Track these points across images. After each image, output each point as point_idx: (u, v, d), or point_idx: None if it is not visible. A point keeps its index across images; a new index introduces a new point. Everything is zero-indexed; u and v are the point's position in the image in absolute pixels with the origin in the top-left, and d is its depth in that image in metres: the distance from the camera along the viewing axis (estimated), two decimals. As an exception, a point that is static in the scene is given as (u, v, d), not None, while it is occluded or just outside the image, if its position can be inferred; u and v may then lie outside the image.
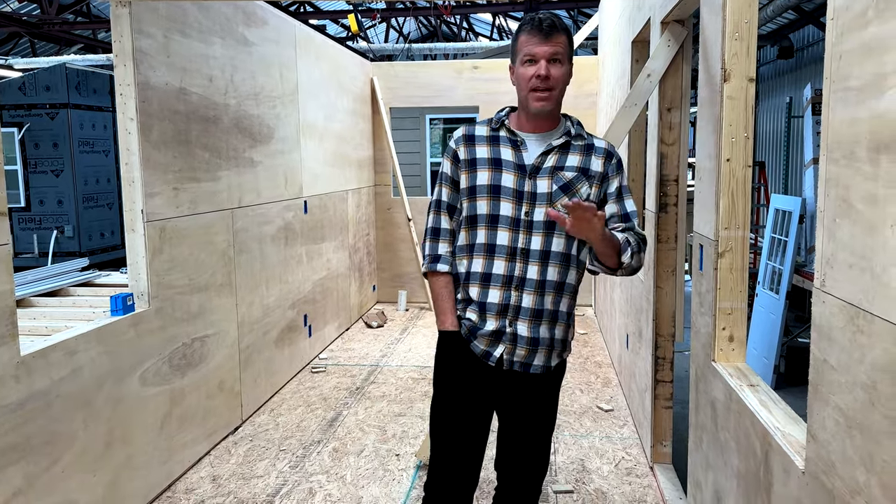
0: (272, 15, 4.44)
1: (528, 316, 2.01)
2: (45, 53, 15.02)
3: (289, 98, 4.73)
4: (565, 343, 2.10)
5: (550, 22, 1.93)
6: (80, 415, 2.63)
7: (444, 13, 8.20)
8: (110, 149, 10.86)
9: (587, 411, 4.17)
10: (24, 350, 2.36)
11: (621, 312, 4.56)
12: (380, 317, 6.45)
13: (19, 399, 2.31)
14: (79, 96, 10.37)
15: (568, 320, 2.08)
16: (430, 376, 4.85)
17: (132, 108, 2.98)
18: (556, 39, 1.92)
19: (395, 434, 3.84)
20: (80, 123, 10.35)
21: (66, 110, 10.00)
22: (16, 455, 2.30)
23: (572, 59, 2.02)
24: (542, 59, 1.92)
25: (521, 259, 1.99)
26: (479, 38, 20.19)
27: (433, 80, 6.99)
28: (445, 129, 10.05)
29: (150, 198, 3.08)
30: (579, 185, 1.99)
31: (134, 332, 2.96)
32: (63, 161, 9.90)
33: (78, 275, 4.77)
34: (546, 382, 2.10)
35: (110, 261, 10.20)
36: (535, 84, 1.93)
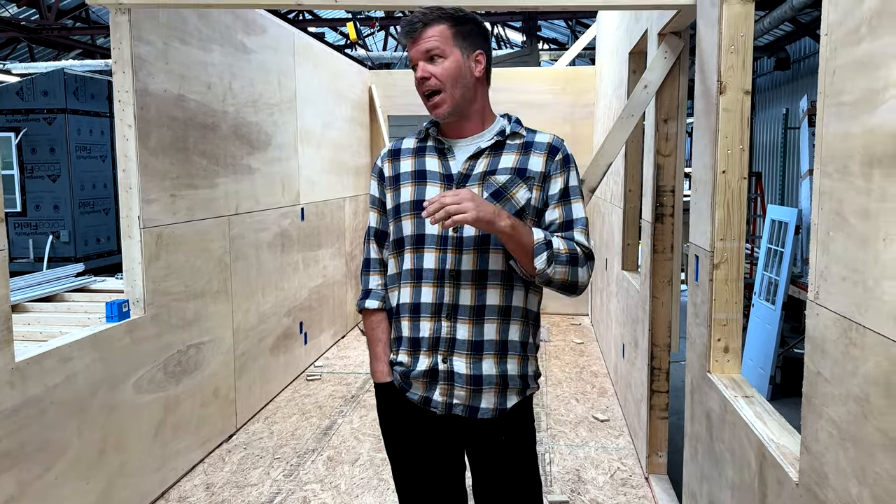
0: (271, 23, 4.45)
1: (464, 349, 1.70)
2: (44, 58, 15.03)
3: (287, 105, 4.74)
4: (525, 379, 1.75)
5: (417, 18, 1.68)
6: (74, 422, 2.63)
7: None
8: (107, 154, 10.85)
9: (583, 421, 4.17)
10: (19, 356, 2.36)
11: (617, 322, 4.57)
12: (376, 324, 6.44)
13: (13, 405, 2.31)
14: (77, 101, 10.37)
15: (524, 351, 1.75)
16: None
17: (130, 114, 2.99)
18: (427, 34, 1.67)
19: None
20: (77, 129, 10.34)
21: (64, 115, 9.99)
22: (9, 462, 2.29)
23: (473, 43, 1.71)
24: (419, 61, 1.69)
25: (450, 282, 1.69)
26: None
27: (431, 88, 6.99)
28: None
29: (147, 204, 3.08)
30: (514, 189, 1.69)
31: (129, 338, 2.96)
32: (60, 166, 9.89)
33: (73, 280, 4.77)
34: (505, 429, 1.74)
35: (106, 266, 10.18)
36: (421, 91, 1.71)
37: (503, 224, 1.56)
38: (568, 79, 6.79)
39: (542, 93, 6.78)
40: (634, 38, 3.90)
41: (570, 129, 6.76)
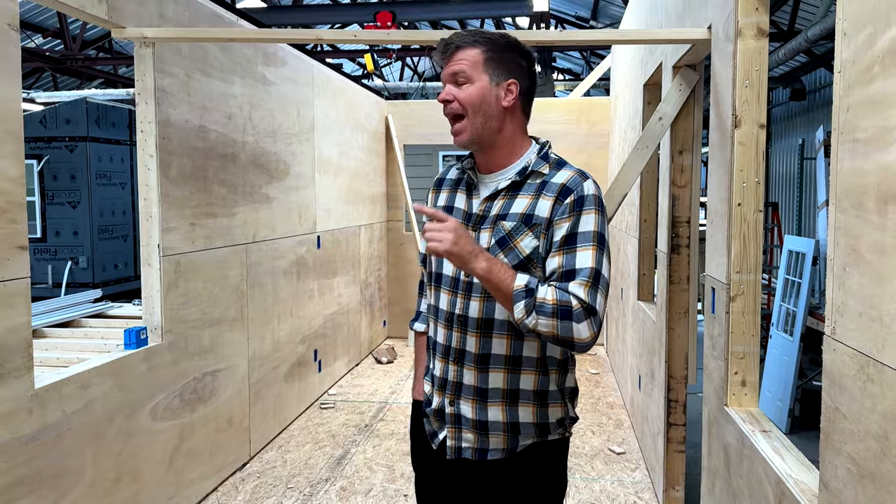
0: (291, 55, 4.54)
1: (471, 395, 1.66)
2: (67, 87, 15.37)
3: (305, 135, 4.81)
4: (544, 427, 1.68)
5: (449, 39, 1.64)
6: (91, 449, 2.64)
7: (459, 53, 8.35)
8: (127, 182, 11.02)
9: (598, 454, 4.13)
10: (38, 383, 2.38)
11: (633, 353, 4.54)
12: (390, 353, 6.44)
13: (32, 432, 2.33)
14: (98, 129, 10.58)
15: (542, 399, 1.67)
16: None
17: (152, 144, 3.05)
18: (456, 57, 1.61)
19: (404, 474, 3.80)
20: (98, 156, 10.54)
21: (86, 143, 10.18)
22: (25, 489, 2.31)
23: (508, 72, 1.63)
24: (446, 83, 1.64)
25: (458, 327, 1.66)
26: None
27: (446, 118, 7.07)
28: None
29: (167, 233, 3.13)
30: (519, 238, 1.60)
31: (146, 365, 2.98)
32: (80, 193, 10.06)
33: (91, 306, 4.82)
34: (519, 473, 1.68)
35: (123, 292, 10.28)
36: (445, 113, 1.65)
37: (478, 266, 1.50)
38: (583, 109, 6.84)
39: (557, 123, 6.83)
40: (649, 70, 3.94)
41: (585, 159, 6.79)
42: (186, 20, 3.29)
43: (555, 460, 1.73)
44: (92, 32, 12.56)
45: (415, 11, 8.10)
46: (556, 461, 1.73)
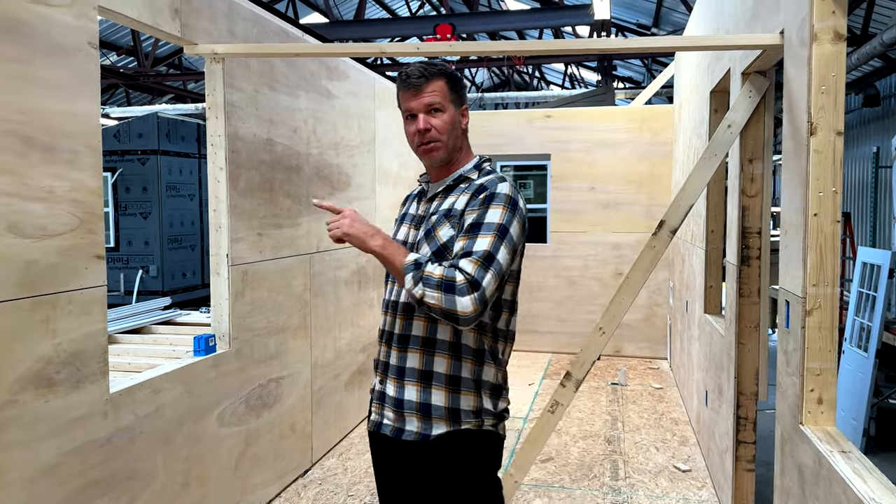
0: (353, 69, 4.61)
1: (393, 374, 1.85)
2: (139, 103, 16.02)
3: (366, 147, 4.87)
4: (454, 413, 1.80)
5: (419, 73, 1.83)
6: (161, 453, 2.72)
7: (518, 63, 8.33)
8: (195, 193, 11.39)
9: (663, 470, 4.02)
10: (113, 388, 2.47)
11: (699, 368, 4.41)
12: (448, 363, 6.44)
13: (106, 435, 2.41)
14: (168, 143, 10.96)
15: (452, 385, 1.79)
16: (499, 426, 4.79)
17: (222, 157, 3.14)
18: (428, 89, 1.82)
19: (463, 484, 3.78)
20: (168, 169, 10.92)
21: (157, 156, 10.57)
22: (100, 490, 2.39)
23: (462, 98, 1.89)
24: (420, 113, 1.83)
25: (391, 311, 1.89)
26: (550, 87, 20.37)
27: (506, 128, 7.07)
28: (515, 175, 10.12)
29: (235, 243, 3.21)
30: (439, 228, 1.82)
31: (214, 372, 3.06)
32: (151, 204, 10.43)
33: (160, 313, 4.98)
34: (431, 459, 1.81)
35: (190, 300, 10.60)
36: (419, 140, 1.86)
37: (374, 244, 1.73)
38: (645, 117, 6.72)
39: (618, 131, 6.74)
40: (716, 77, 3.84)
41: (647, 168, 6.67)
42: (254, 36, 3.38)
43: (470, 452, 1.82)
44: (163, 49, 13.07)
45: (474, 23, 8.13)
46: (471, 453, 1.83)
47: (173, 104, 14.08)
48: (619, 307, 2.92)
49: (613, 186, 6.76)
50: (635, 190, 6.72)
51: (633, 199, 6.73)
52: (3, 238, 1.97)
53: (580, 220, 6.87)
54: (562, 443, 4.44)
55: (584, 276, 6.89)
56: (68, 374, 2.21)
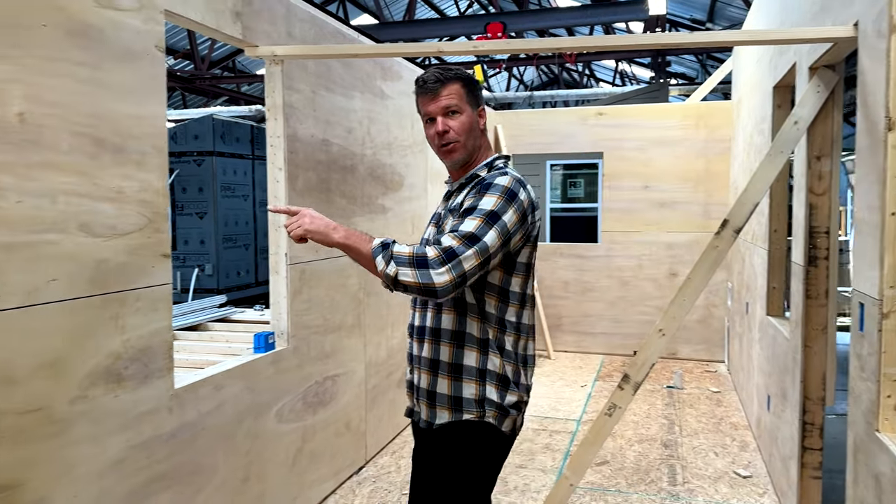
0: (407, 69, 4.63)
1: (415, 364, 2.00)
2: (195, 105, 16.43)
3: (418, 147, 4.89)
4: (457, 401, 1.88)
5: (435, 78, 1.92)
6: (222, 448, 2.77)
7: (569, 61, 8.25)
8: (249, 193, 11.61)
9: (723, 476, 3.91)
10: (178, 383, 2.52)
11: (761, 371, 4.28)
12: (499, 363, 6.41)
13: (171, 430, 2.47)
14: (223, 144, 11.20)
15: (454, 373, 1.88)
16: (552, 428, 4.74)
17: (281, 158, 3.18)
18: (445, 93, 1.90)
19: (517, 486, 3.76)
20: (223, 169, 11.15)
21: (212, 157, 10.82)
22: (165, 483, 2.44)
23: (478, 100, 1.96)
24: (438, 116, 1.91)
25: (411, 305, 2.03)
26: (600, 84, 20.12)
27: (557, 126, 7.00)
28: (565, 174, 10.02)
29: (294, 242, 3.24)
30: (445, 222, 1.94)
31: (273, 369, 3.10)
32: (207, 204, 10.68)
33: (216, 311, 5.09)
34: (430, 444, 1.93)
35: (244, 298, 10.82)
36: (439, 142, 1.93)
37: (336, 237, 1.80)
38: (701, 114, 6.57)
39: (673, 128, 6.60)
40: (780, 72, 3.72)
41: (703, 166, 6.52)
42: (311, 37, 3.42)
43: (469, 443, 1.88)
44: (218, 53, 13.37)
45: (525, 21, 8.08)
46: (470, 444, 1.88)
47: (227, 106, 14.39)
48: (679, 308, 2.85)
49: (668, 185, 6.63)
50: (691, 188, 6.57)
51: (688, 197, 6.58)
52: (76, 237, 2.03)
53: (634, 219, 6.76)
54: (617, 446, 4.37)
55: (638, 277, 6.77)
56: (136, 369, 2.27)
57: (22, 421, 1.87)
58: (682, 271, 6.58)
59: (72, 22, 2.02)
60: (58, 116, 1.96)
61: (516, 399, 1.91)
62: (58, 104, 1.97)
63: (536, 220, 1.91)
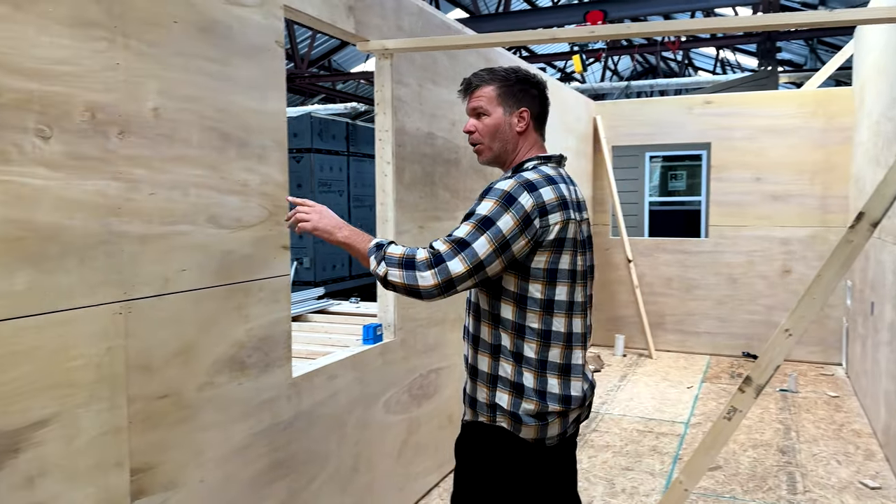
0: (509, 61, 4.57)
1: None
2: (293, 103, 16.94)
3: (520, 139, 4.81)
4: (472, 402, 1.94)
5: (468, 81, 1.99)
6: (335, 437, 2.81)
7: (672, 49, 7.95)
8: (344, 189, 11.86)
9: (848, 487, 3.66)
10: (295, 372, 2.57)
11: (889, 376, 3.98)
12: (596, 360, 6.27)
13: (289, 418, 2.52)
14: (321, 141, 11.48)
15: (472, 374, 1.94)
16: (658, 430, 4.58)
17: (389, 152, 3.19)
18: (475, 94, 1.97)
19: (625, 489, 3.64)
20: (320, 166, 11.43)
21: (310, 154, 11.11)
22: (283, 470, 2.50)
23: (517, 102, 1.95)
24: (469, 117, 2.00)
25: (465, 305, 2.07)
26: (698, 73, 19.38)
27: (659, 116, 6.76)
28: (664, 166, 9.67)
29: (400, 235, 3.26)
30: None
31: (382, 360, 3.13)
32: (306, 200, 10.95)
33: (315, 303, 5.20)
34: (458, 443, 2.02)
35: (340, 291, 11.07)
36: (469, 141, 2.02)
37: (340, 235, 1.90)
38: (819, 101, 6.17)
39: (786, 117, 6.24)
40: (920, 51, 3.42)
41: (822, 156, 6.13)
42: (419, 30, 3.42)
43: (481, 444, 1.92)
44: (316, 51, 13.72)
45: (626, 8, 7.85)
46: (482, 445, 1.91)
47: (323, 104, 14.76)
48: (809, 307, 2.68)
49: (782, 177, 6.27)
50: (807, 180, 6.19)
51: (804, 190, 6.21)
52: (205, 229, 2.10)
53: (744, 213, 6.43)
54: (730, 451, 4.16)
55: (748, 274, 6.44)
56: (258, 358, 2.33)
57: (155, 406, 1.95)
58: (797, 268, 6.22)
59: (201, 18, 2.08)
60: (189, 111, 2.03)
61: (534, 408, 1.84)
62: (189, 99, 2.03)
63: (554, 223, 1.80)
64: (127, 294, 1.84)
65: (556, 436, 1.90)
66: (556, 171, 1.91)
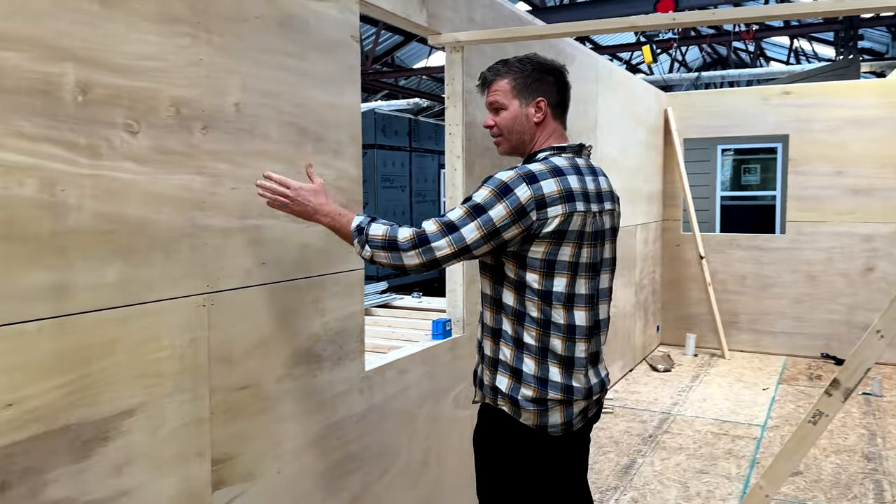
0: (579, 52, 4.48)
1: None
2: (356, 101, 17.11)
3: (588, 133, 4.72)
4: (481, 382, 2.01)
5: (483, 77, 2.02)
6: (406, 431, 2.81)
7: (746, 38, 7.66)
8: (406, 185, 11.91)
9: (943, 498, 3.45)
10: (367, 366, 2.58)
11: None
12: (666, 360, 6.11)
13: (361, 411, 2.52)
14: (384, 137, 11.56)
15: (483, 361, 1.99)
16: (733, 432, 4.42)
17: (459, 146, 3.17)
18: (491, 89, 1.99)
19: (700, 493, 3.53)
20: (383, 162, 11.51)
21: (373, 150, 11.20)
22: (356, 463, 2.51)
23: (534, 92, 1.94)
24: (488, 111, 2.02)
25: None
26: (770, 63, 18.67)
27: (734, 108, 6.53)
28: (735, 160, 9.34)
29: (470, 230, 3.22)
30: None
31: (451, 355, 3.11)
32: (368, 195, 11.08)
33: (378, 297, 5.23)
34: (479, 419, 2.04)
35: (402, 285, 11.13)
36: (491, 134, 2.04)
37: (322, 220, 1.90)
38: (906, 90, 5.85)
39: (869, 107, 5.93)
40: None
41: (908, 149, 5.80)
42: (490, 21, 3.37)
43: (487, 426, 1.97)
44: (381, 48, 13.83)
45: (697, -3, 7.60)
46: (486, 426, 1.97)
47: (386, 101, 14.86)
48: (906, 307, 2.53)
49: (865, 170, 5.96)
50: (892, 174, 5.88)
51: (890, 184, 5.89)
52: (284, 223, 2.11)
53: (823, 208, 6.15)
54: (811, 456, 3.98)
55: (827, 272, 6.16)
56: (332, 351, 2.34)
57: (235, 397, 1.97)
58: (881, 266, 5.92)
59: (280, 13, 2.09)
60: (269, 106, 2.04)
61: (533, 394, 1.85)
62: (269, 94, 2.04)
63: (554, 215, 1.78)
64: (210, 287, 1.87)
65: (560, 425, 1.89)
66: (569, 162, 1.89)
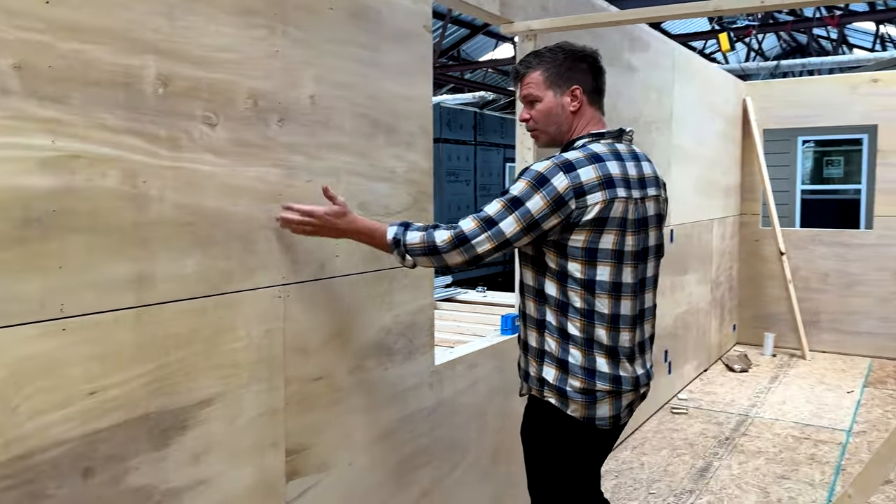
0: (654, 39, 4.34)
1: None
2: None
3: (664, 123, 4.57)
4: (526, 374, 1.98)
5: (515, 70, 2.02)
6: (475, 426, 2.77)
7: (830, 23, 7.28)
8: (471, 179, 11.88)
9: None
10: (437, 360, 2.55)
11: None
12: (743, 360, 5.87)
13: (432, 405, 2.50)
14: (449, 131, 11.55)
15: (523, 349, 1.98)
16: (816, 437, 4.21)
17: (530, 139, 3.09)
18: (524, 82, 1.97)
19: (781, 499, 3.37)
20: (448, 156, 11.50)
21: (439, 144, 11.22)
22: (426, 457, 2.49)
23: (568, 81, 1.91)
24: (523, 104, 2.00)
25: None
26: (853, 51, 17.75)
27: (817, 97, 6.21)
28: (820, 152, 8.91)
29: (541, 223, 3.16)
30: None
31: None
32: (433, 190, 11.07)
33: (443, 291, 5.21)
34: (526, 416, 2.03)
35: (466, 279, 11.11)
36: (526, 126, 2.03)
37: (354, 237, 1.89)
38: None
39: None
40: None
41: None
42: (563, 8, 3.29)
43: (533, 416, 1.97)
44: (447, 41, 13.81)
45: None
46: (534, 417, 1.97)
47: (452, 94, 14.84)
48: None
49: (963, 161, 5.58)
50: None
51: None
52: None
53: (915, 202, 5.80)
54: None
55: (918, 269, 5.80)
56: (403, 344, 2.33)
57: (309, 388, 1.98)
58: None
59: (353, 4, 2.07)
60: (343, 98, 2.04)
61: (581, 385, 1.83)
62: (343, 86, 2.04)
63: (593, 202, 1.76)
64: (285, 278, 1.87)
65: (608, 418, 1.87)
66: (608, 148, 1.87)
